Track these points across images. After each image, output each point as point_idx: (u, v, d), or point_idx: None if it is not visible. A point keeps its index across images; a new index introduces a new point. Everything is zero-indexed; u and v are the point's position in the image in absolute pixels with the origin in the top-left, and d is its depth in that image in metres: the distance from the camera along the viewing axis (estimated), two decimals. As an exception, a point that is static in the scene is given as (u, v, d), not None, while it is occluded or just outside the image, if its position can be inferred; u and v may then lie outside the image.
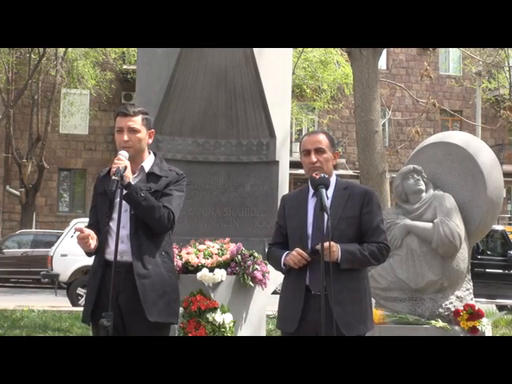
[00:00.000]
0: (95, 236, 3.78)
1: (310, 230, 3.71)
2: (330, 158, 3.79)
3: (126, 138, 3.81)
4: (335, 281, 3.48)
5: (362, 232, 3.73)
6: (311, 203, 3.77)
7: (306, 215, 3.76)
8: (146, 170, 3.90)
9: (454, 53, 29.78)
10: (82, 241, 3.73)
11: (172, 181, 3.88)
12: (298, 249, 3.64)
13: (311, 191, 3.78)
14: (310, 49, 21.12)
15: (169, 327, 3.90)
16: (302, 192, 3.91)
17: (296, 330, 3.67)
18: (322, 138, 3.81)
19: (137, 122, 3.86)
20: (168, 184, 3.86)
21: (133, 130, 3.84)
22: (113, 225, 3.78)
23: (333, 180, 3.80)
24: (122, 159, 3.70)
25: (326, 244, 3.44)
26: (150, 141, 3.97)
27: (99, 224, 3.87)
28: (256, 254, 5.95)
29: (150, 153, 3.98)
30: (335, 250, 3.56)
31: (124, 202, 3.69)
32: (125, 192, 3.67)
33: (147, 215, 3.72)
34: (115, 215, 3.75)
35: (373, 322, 3.85)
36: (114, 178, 3.60)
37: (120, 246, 3.62)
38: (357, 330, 3.63)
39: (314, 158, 3.75)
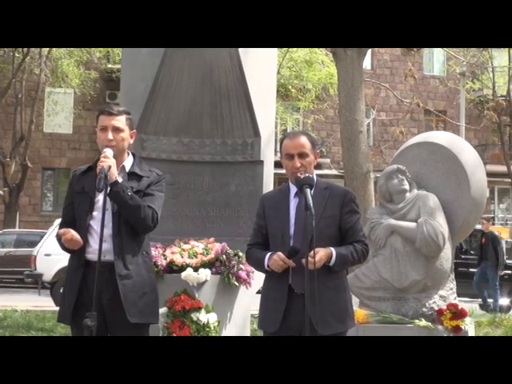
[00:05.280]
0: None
1: (292, 230, 3.69)
2: (312, 161, 3.78)
3: (110, 136, 3.79)
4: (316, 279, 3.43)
5: (342, 231, 3.74)
6: (293, 203, 3.76)
7: (288, 215, 3.74)
8: (127, 169, 3.89)
9: (439, 53, 29.93)
10: (71, 241, 3.65)
11: (153, 181, 3.87)
12: (279, 253, 3.60)
13: (292, 191, 3.77)
14: (294, 48, 21.13)
15: (148, 327, 3.89)
16: (281, 191, 3.88)
17: (278, 330, 3.66)
18: (305, 141, 3.76)
19: (121, 121, 3.84)
20: (150, 184, 3.85)
21: (117, 129, 3.82)
22: (94, 223, 3.75)
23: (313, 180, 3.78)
24: (109, 157, 3.68)
25: (311, 253, 3.43)
26: (131, 141, 3.95)
27: (76, 222, 3.80)
28: (241, 254, 5.94)
29: (128, 154, 3.97)
30: (322, 256, 3.55)
31: (107, 201, 3.63)
32: (110, 190, 3.62)
33: (133, 214, 3.71)
34: (96, 213, 3.74)
35: (354, 320, 3.87)
36: (100, 176, 3.57)
37: (103, 245, 3.56)
38: (332, 329, 3.62)
39: (297, 162, 3.71)
